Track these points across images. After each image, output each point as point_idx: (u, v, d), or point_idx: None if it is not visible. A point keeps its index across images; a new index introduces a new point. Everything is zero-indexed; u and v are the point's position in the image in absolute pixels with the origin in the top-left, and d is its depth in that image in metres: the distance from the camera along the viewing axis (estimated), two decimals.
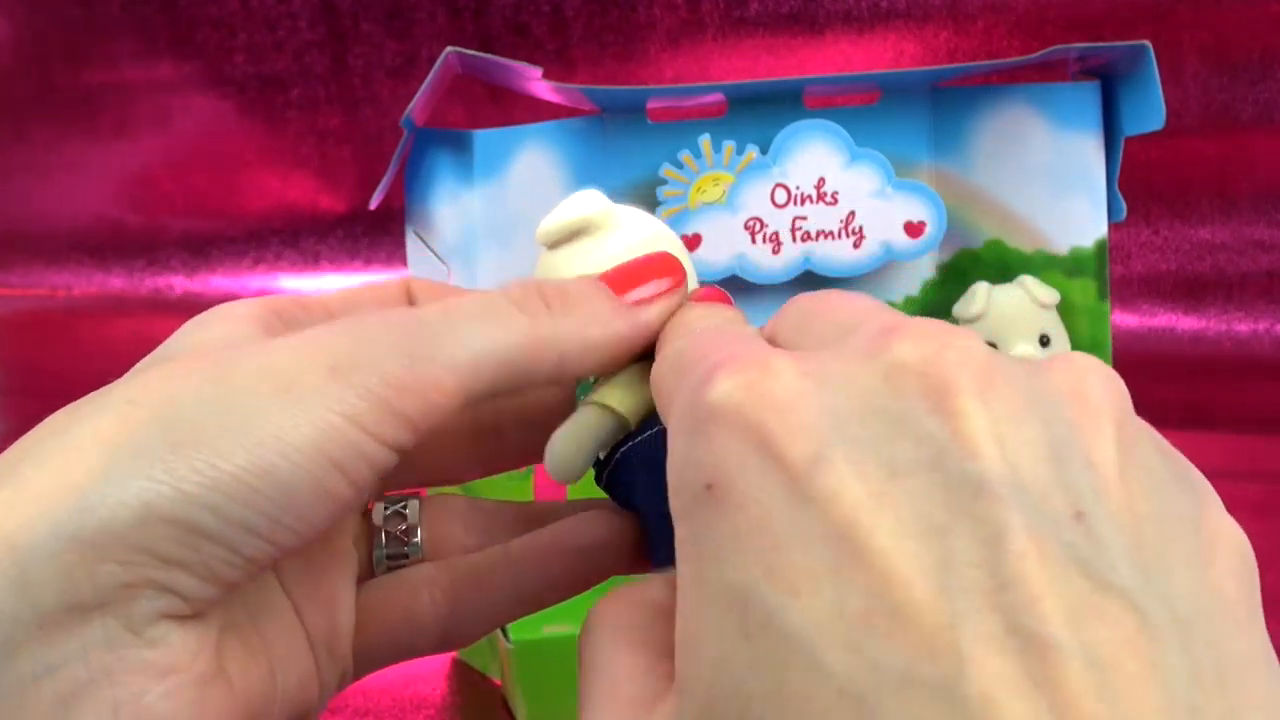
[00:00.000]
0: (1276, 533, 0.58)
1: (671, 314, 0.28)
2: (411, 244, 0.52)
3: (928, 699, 0.17)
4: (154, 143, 1.04)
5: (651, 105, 0.49)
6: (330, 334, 0.25)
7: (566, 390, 0.32)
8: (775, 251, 0.49)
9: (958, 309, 0.50)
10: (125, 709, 0.23)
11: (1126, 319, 0.86)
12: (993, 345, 0.47)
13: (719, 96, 0.49)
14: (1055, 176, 0.51)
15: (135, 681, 0.23)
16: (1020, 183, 0.51)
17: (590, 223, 0.30)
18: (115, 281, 1.05)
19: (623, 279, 0.28)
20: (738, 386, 0.20)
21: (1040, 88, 0.51)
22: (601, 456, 0.29)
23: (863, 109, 0.51)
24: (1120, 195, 0.52)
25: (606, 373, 0.29)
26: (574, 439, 0.27)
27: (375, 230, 0.99)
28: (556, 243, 0.30)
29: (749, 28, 0.89)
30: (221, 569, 0.24)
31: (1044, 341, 0.49)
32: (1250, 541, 0.50)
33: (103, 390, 0.26)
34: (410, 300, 0.31)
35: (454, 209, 0.47)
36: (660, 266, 0.29)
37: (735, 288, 0.50)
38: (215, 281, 1.03)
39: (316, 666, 0.28)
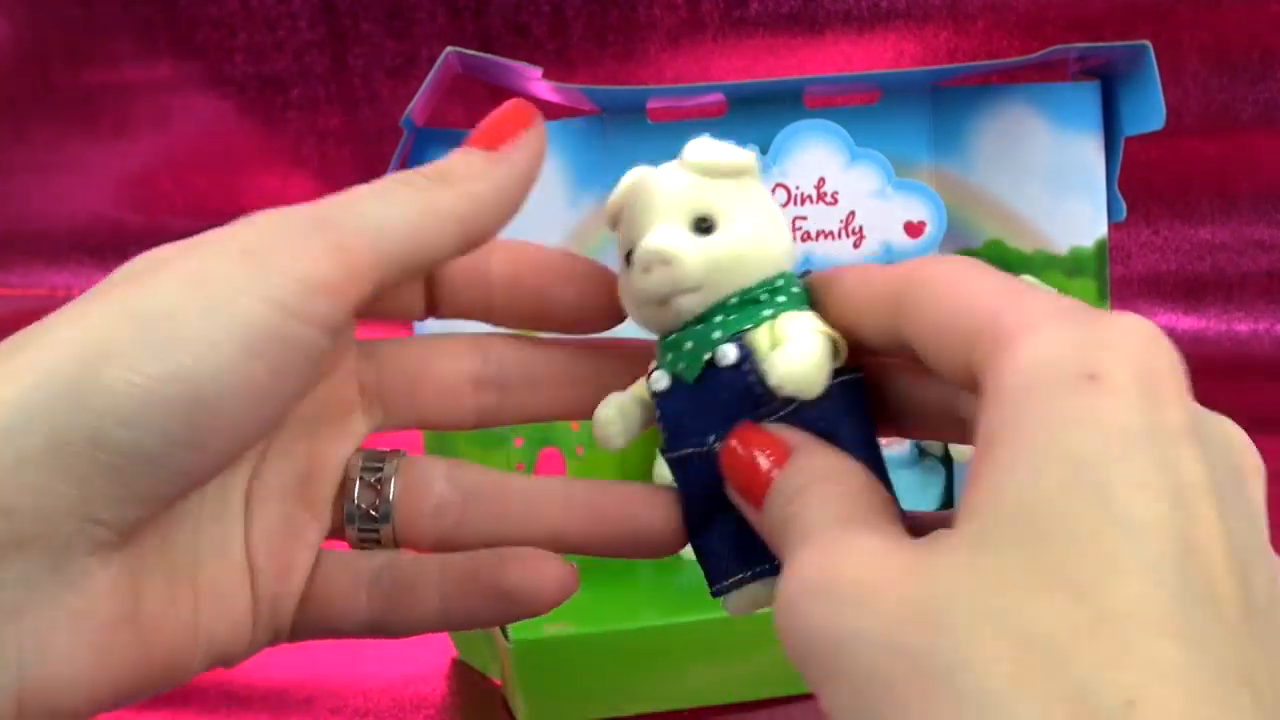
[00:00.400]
0: (1277, 532, 0.58)
1: (538, 151, 0.29)
2: None
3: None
4: (154, 143, 1.04)
5: (651, 105, 0.49)
6: (240, 226, 0.25)
7: (573, 353, 0.31)
8: None
9: None
10: (28, 651, 0.23)
11: None
12: None
13: (719, 96, 0.50)
14: (1055, 177, 0.51)
15: (43, 623, 0.23)
16: (1020, 183, 0.52)
17: (618, 208, 0.30)
18: None
19: (488, 135, 0.29)
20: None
21: (1040, 88, 0.51)
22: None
23: (863, 109, 0.51)
24: (1120, 195, 0.52)
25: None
26: (619, 407, 0.29)
27: None
28: (614, 229, 0.31)
29: (749, 28, 0.89)
30: (144, 485, 0.23)
31: None
32: None
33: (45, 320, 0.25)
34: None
35: None
36: (516, 114, 0.29)
37: None
38: None
39: (254, 622, 0.28)
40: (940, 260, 0.26)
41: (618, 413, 0.30)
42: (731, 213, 0.29)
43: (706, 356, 0.28)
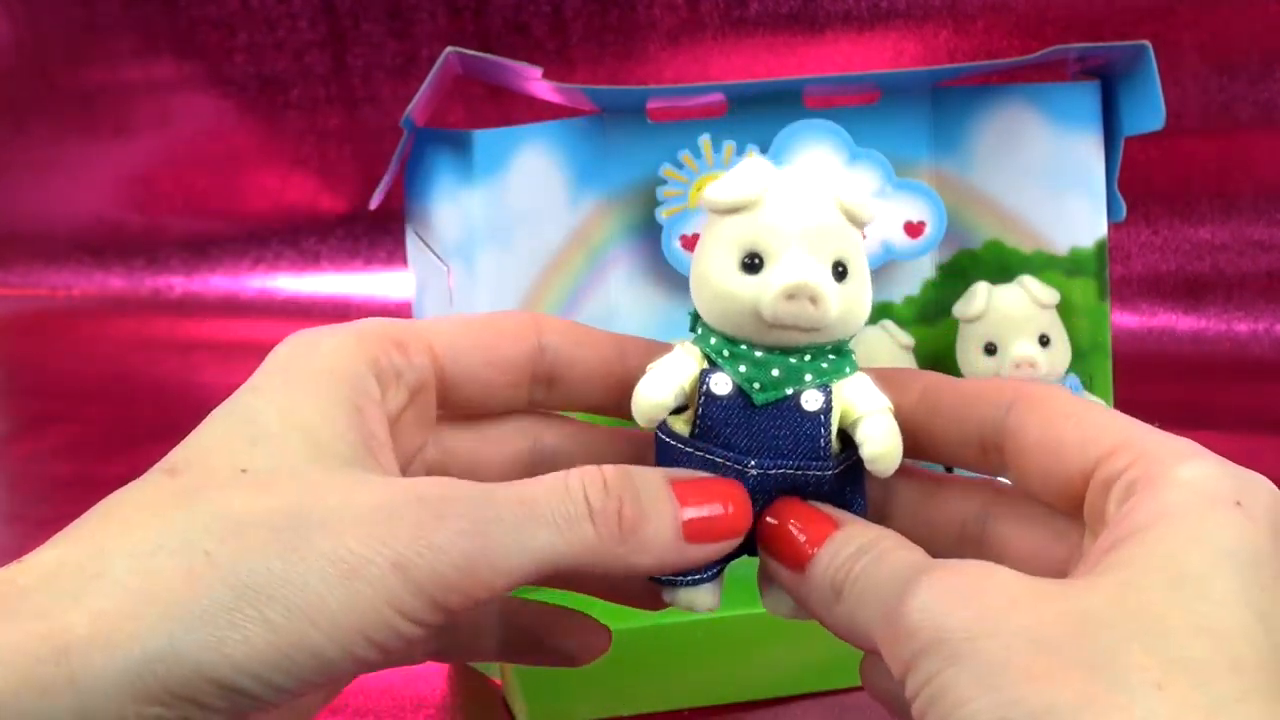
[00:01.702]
0: None
1: (703, 561, 0.29)
2: (411, 243, 0.52)
3: None
4: (154, 143, 1.04)
5: (651, 105, 0.49)
6: (402, 517, 0.26)
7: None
8: None
9: (957, 309, 0.50)
10: None
11: (1126, 319, 0.86)
12: (993, 345, 0.48)
13: (719, 96, 0.49)
14: (1054, 176, 0.51)
15: None
16: (1020, 183, 0.51)
17: (748, 203, 0.30)
18: (115, 281, 1.05)
19: (691, 492, 0.29)
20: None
21: (1040, 87, 0.51)
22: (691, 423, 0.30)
23: (863, 109, 0.51)
24: (1120, 195, 0.52)
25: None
26: (678, 393, 0.30)
27: (375, 230, 0.99)
28: (722, 211, 0.30)
29: (749, 28, 0.89)
30: (251, 712, 0.25)
31: (1044, 341, 0.49)
32: None
33: (192, 496, 0.26)
34: (540, 335, 0.32)
35: (454, 209, 0.47)
36: (725, 493, 0.29)
37: None
38: (215, 281, 1.03)
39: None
40: (1043, 385, 0.31)
41: (674, 398, 0.30)
42: (858, 262, 0.30)
43: (789, 391, 0.29)
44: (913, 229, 0.50)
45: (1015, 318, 0.49)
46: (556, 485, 0.27)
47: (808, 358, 0.29)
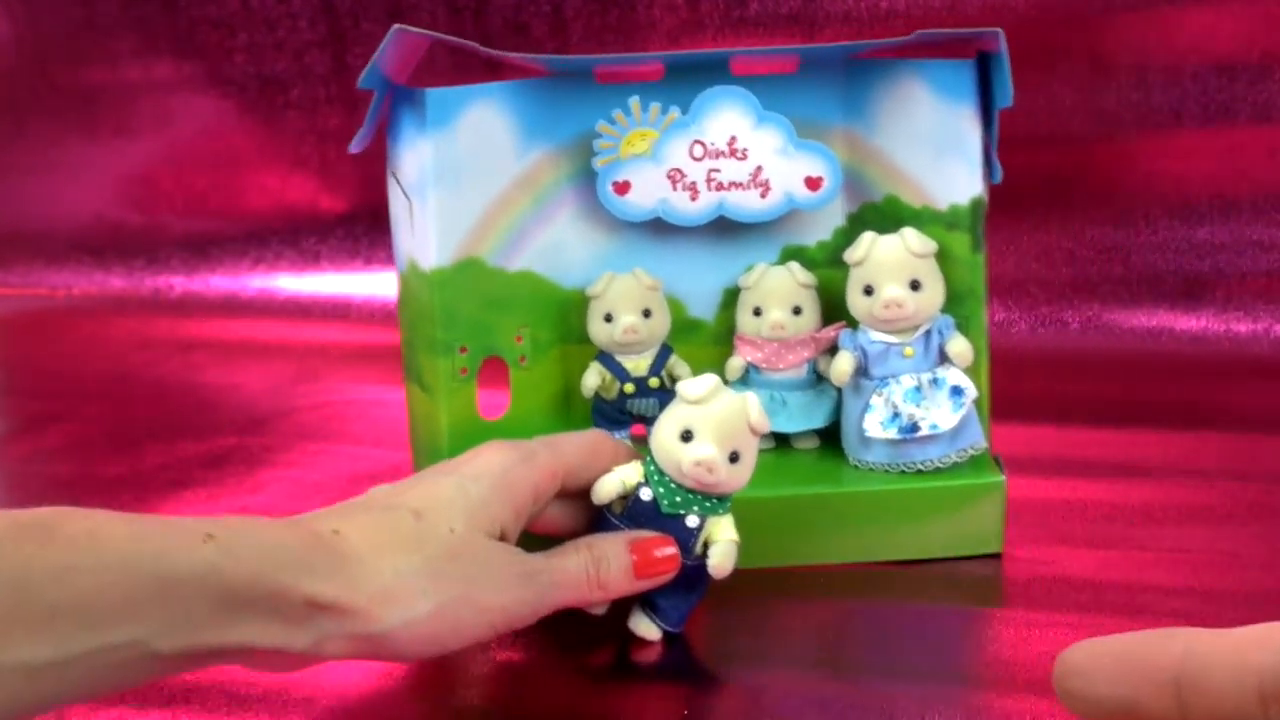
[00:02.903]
0: (1276, 533, 0.58)
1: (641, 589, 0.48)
2: (390, 184, 0.59)
3: None
4: (154, 143, 1.04)
5: (599, 69, 0.58)
6: (517, 579, 0.45)
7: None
8: (693, 198, 0.57)
9: (847, 254, 0.56)
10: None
11: (1126, 319, 0.86)
12: (870, 287, 0.55)
13: (657, 64, 0.58)
14: (938, 142, 0.58)
15: None
16: (911, 146, 0.58)
17: (697, 402, 0.47)
18: (115, 281, 1.05)
19: (645, 544, 0.48)
20: None
21: (927, 63, 0.58)
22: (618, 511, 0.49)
23: (784, 77, 0.59)
24: (999, 161, 0.57)
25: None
26: (614, 484, 0.49)
27: (375, 230, 0.99)
28: (686, 402, 0.47)
29: (749, 28, 0.89)
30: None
31: (915, 285, 0.55)
32: (1250, 541, 0.50)
33: (427, 534, 0.44)
34: (615, 459, 0.50)
35: (412, 154, 0.56)
36: (669, 565, 0.48)
37: (659, 229, 0.58)
38: (215, 281, 1.03)
39: None
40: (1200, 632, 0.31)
41: (614, 496, 0.49)
42: (748, 454, 0.48)
43: (681, 511, 0.48)
44: (812, 183, 0.57)
45: (890, 264, 0.55)
46: (574, 564, 0.47)
47: (699, 497, 0.48)
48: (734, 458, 0.46)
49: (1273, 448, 0.67)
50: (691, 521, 0.47)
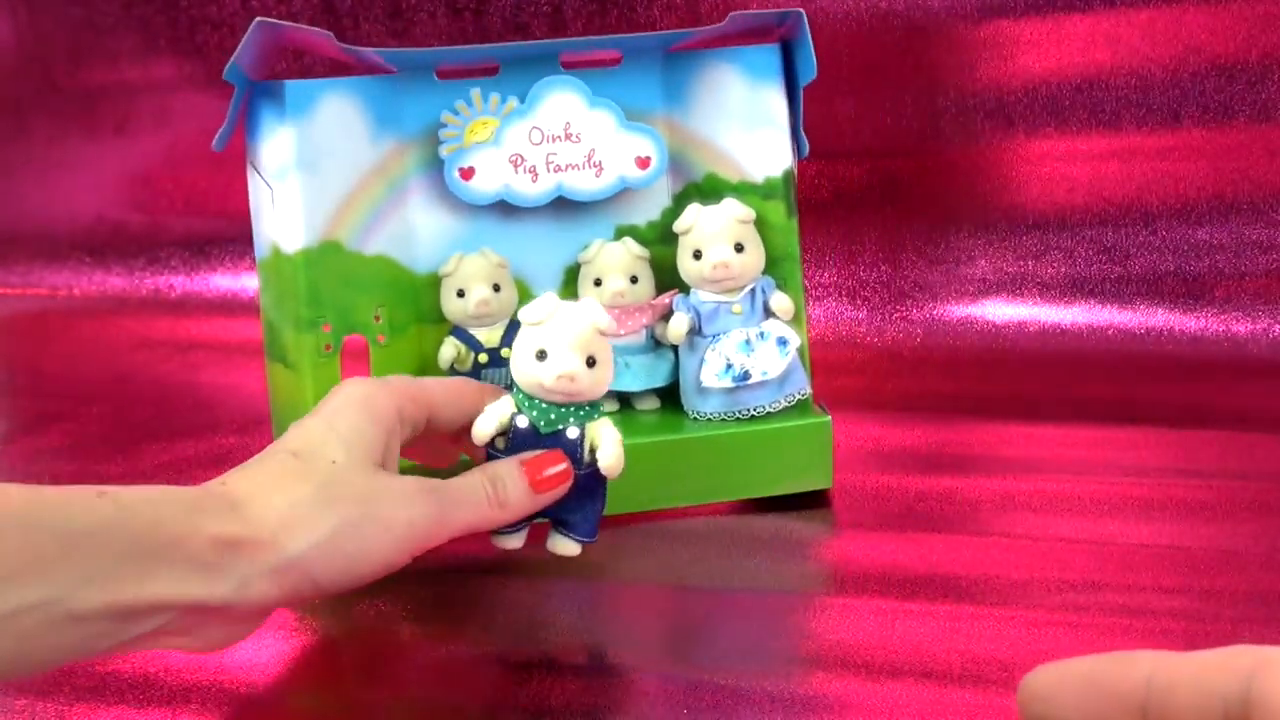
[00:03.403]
0: (1276, 532, 0.58)
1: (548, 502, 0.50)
2: (250, 174, 0.62)
3: None
4: (154, 143, 1.04)
5: (440, 67, 0.62)
6: (411, 496, 0.47)
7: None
8: (534, 180, 0.62)
9: (676, 225, 0.62)
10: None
11: (1126, 319, 0.86)
12: (699, 252, 0.61)
13: (493, 61, 0.63)
14: (750, 120, 0.64)
15: None
16: (726, 126, 0.64)
17: (541, 321, 0.49)
18: (115, 281, 1.05)
19: (538, 461, 0.50)
20: None
21: (737, 50, 0.64)
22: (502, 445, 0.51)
23: (609, 70, 0.63)
24: (805, 136, 0.64)
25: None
26: (491, 419, 0.50)
27: None
28: (528, 324, 0.50)
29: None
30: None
31: (739, 248, 0.61)
32: (1250, 541, 0.50)
33: (310, 470, 0.45)
34: (481, 397, 0.52)
35: (272, 144, 0.60)
36: (557, 456, 0.50)
37: (503, 211, 0.63)
38: (215, 281, 1.03)
39: None
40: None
41: (495, 429, 0.50)
42: (604, 356, 0.50)
43: (560, 426, 0.50)
44: (641, 162, 0.63)
45: (715, 230, 0.61)
46: (473, 484, 0.48)
47: (571, 409, 0.50)
48: (591, 362, 0.49)
49: (1272, 448, 0.67)
50: (572, 433, 0.50)
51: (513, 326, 0.62)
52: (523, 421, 0.50)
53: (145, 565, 0.39)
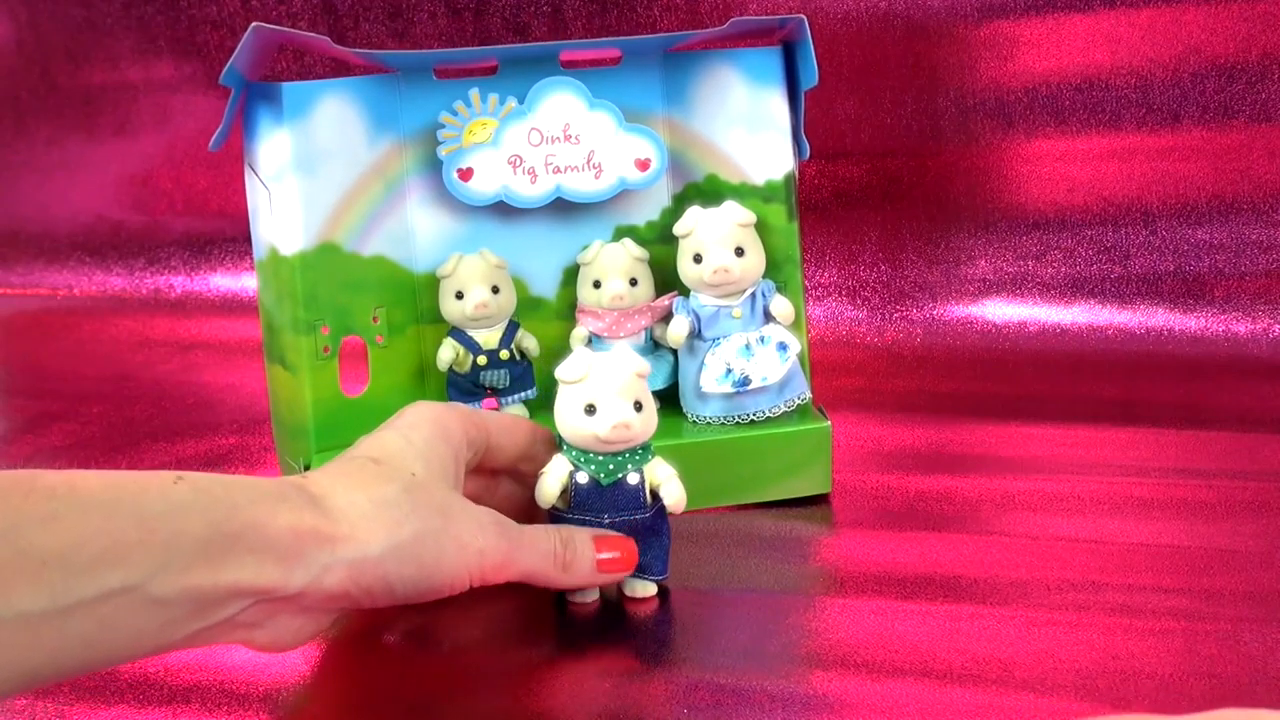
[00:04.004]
0: (1276, 532, 0.58)
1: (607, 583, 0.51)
2: (248, 175, 0.62)
3: None
4: (154, 143, 1.04)
5: (438, 66, 0.62)
6: (485, 525, 0.47)
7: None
8: (533, 182, 0.62)
9: (676, 228, 0.61)
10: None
11: (1126, 319, 0.86)
12: (699, 255, 0.60)
13: (492, 60, 0.62)
14: (752, 123, 0.64)
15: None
16: (727, 128, 0.64)
17: (580, 379, 0.50)
18: (115, 281, 1.05)
19: (606, 543, 0.50)
20: None
21: (739, 52, 0.64)
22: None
23: (608, 69, 0.63)
24: (806, 139, 0.63)
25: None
26: (553, 483, 0.51)
27: None
28: (566, 384, 0.50)
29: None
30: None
31: (739, 252, 0.60)
32: (1250, 541, 0.50)
33: (390, 476, 0.45)
34: (530, 431, 0.53)
35: (270, 145, 0.59)
36: (624, 543, 0.50)
37: (502, 211, 0.62)
38: (215, 281, 1.03)
39: None
40: None
41: (559, 492, 0.51)
42: (647, 399, 0.51)
43: (620, 475, 0.50)
44: (641, 164, 0.62)
45: (716, 234, 0.60)
46: (544, 537, 0.49)
47: (626, 455, 0.51)
48: (638, 407, 0.50)
49: (1272, 447, 0.67)
50: (632, 480, 0.51)
51: (511, 327, 0.62)
52: (583, 477, 0.51)
53: (223, 550, 0.39)
